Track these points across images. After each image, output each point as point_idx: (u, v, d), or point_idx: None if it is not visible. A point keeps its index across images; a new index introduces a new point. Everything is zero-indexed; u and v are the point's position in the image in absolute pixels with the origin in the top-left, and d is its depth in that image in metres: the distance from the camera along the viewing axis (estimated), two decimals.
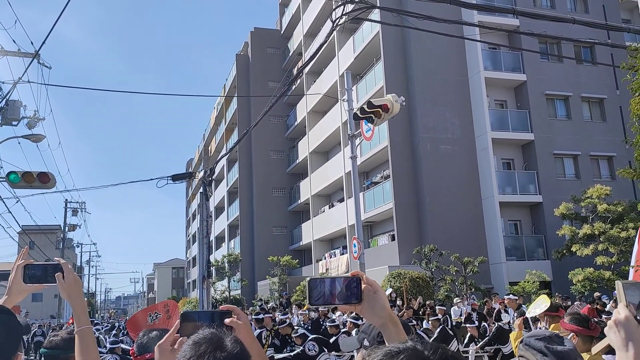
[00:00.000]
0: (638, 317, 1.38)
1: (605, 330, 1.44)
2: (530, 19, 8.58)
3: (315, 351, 9.57)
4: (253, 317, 11.76)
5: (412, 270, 21.12)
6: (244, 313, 1.60)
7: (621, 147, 23.74)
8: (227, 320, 1.56)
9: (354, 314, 10.62)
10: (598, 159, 27.12)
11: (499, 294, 21.12)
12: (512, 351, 10.36)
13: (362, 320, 10.79)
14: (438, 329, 11.04)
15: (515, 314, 11.78)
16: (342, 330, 11.25)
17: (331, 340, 10.58)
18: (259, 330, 10.90)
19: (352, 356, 10.03)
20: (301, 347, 9.79)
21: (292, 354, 9.88)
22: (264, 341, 10.62)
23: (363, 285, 1.46)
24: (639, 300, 1.43)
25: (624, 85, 16.10)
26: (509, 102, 27.34)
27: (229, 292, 31.88)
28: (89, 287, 67.54)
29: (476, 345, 11.21)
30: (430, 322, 11.84)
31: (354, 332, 10.34)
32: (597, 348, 1.60)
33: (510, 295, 13.87)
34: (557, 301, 12.49)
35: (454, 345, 10.79)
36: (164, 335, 1.73)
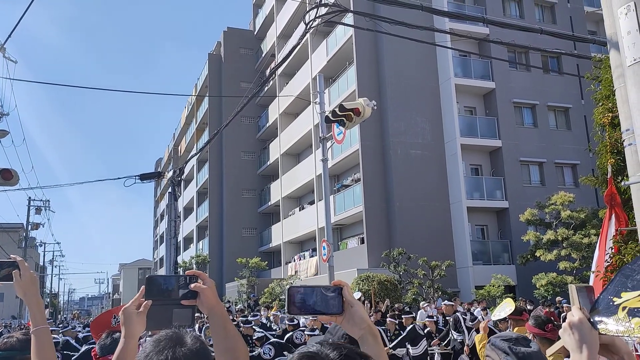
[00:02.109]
0: (592, 320, 1.42)
1: (560, 332, 1.47)
2: (500, 27, 8.76)
3: (270, 355, 9.55)
4: None
5: (381, 273, 21.25)
6: (209, 278, 1.59)
7: (585, 155, 24.39)
8: (192, 285, 1.55)
9: (310, 327, 10.77)
10: (562, 166, 27.79)
11: (466, 298, 21.46)
12: (421, 353, 10.69)
13: (317, 331, 11.03)
14: (408, 328, 11.15)
15: (451, 319, 12.44)
16: (300, 328, 11.41)
17: (285, 337, 10.68)
18: None
19: None
20: (257, 350, 9.77)
21: None
22: None
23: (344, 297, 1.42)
24: (592, 304, 1.47)
25: (588, 95, 16.55)
26: (478, 109, 27.80)
27: None
28: (51, 287, 65.89)
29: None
30: (389, 321, 11.96)
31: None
32: (552, 350, 1.64)
33: (446, 301, 14.43)
34: (521, 305, 12.77)
35: (422, 345, 10.89)
36: None
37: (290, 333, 11.01)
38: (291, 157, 35.52)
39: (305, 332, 10.64)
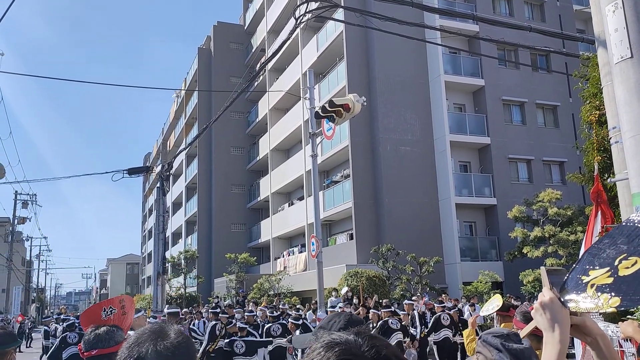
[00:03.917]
0: (562, 299, 1.43)
1: (532, 313, 1.48)
2: (489, 25, 8.79)
3: (241, 351, 10.01)
4: (210, 311, 12.16)
5: (369, 269, 21.30)
6: None
7: (572, 153, 24.59)
8: None
9: (293, 315, 11.15)
10: (550, 164, 27.99)
11: (453, 294, 21.60)
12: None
13: (301, 321, 11.33)
14: (380, 322, 11.20)
15: (409, 316, 12.93)
16: (279, 321, 11.67)
17: (265, 327, 11.22)
18: (213, 322, 11.32)
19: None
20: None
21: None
22: (217, 333, 10.95)
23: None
24: (562, 284, 1.49)
25: (576, 93, 16.66)
26: (467, 106, 27.89)
27: (185, 289, 31.40)
28: (38, 282, 65.38)
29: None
30: (372, 313, 12.07)
31: (297, 332, 10.70)
32: (524, 331, 1.65)
33: (406, 300, 14.78)
34: (508, 301, 12.86)
35: (394, 339, 10.92)
36: (114, 331, 1.67)
37: (270, 324, 11.49)
38: (281, 152, 35.45)
39: (290, 321, 11.28)
